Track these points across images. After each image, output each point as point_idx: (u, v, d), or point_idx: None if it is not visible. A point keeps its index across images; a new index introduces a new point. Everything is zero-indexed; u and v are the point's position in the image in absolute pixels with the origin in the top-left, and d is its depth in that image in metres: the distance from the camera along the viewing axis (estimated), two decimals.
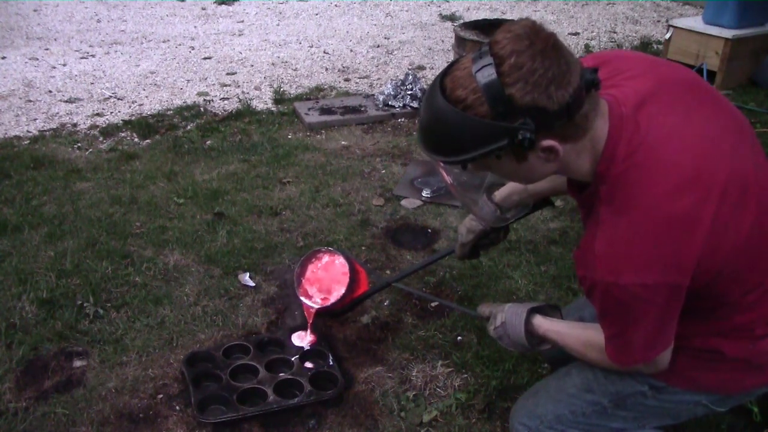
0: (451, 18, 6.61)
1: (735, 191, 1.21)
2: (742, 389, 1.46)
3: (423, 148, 1.26)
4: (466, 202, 1.87)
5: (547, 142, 1.16)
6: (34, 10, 6.71)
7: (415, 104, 4.31)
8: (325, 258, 2.28)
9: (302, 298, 2.25)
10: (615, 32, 6.21)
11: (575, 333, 1.51)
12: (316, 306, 2.23)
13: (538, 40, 1.11)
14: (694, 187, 1.18)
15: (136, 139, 3.99)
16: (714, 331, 1.36)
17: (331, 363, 2.20)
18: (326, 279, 2.24)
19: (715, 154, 1.22)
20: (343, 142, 3.94)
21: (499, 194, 1.79)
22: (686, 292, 1.23)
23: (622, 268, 1.20)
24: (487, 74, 1.11)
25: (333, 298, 2.21)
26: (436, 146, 1.23)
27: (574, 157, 1.22)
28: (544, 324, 1.55)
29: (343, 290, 2.17)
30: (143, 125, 4.12)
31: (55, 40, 5.85)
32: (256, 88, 4.84)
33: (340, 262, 2.23)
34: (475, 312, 1.80)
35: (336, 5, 7.12)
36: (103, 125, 4.17)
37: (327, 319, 2.34)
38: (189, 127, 4.14)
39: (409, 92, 4.33)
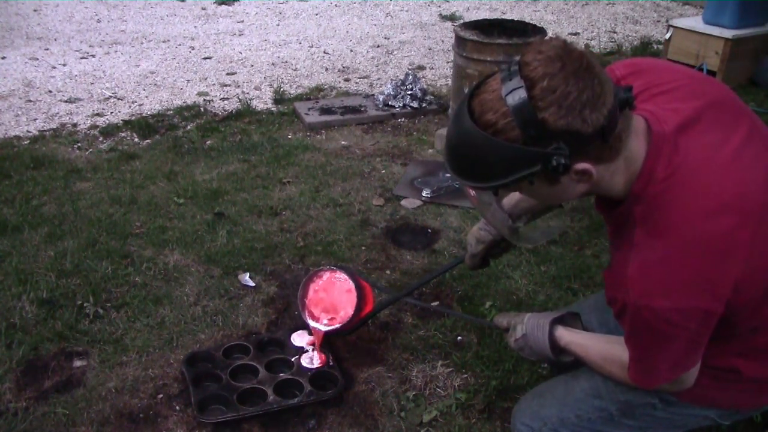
0: (451, 18, 6.61)
1: None
2: (755, 406, 1.45)
3: (452, 172, 1.22)
4: (482, 210, 1.84)
5: (581, 166, 1.12)
6: (34, 10, 6.71)
7: (414, 104, 4.31)
8: (327, 276, 2.21)
9: (310, 321, 2.18)
10: (615, 32, 6.21)
11: (598, 347, 1.48)
12: (325, 329, 2.17)
13: (570, 62, 1.07)
14: (733, 211, 1.15)
15: (136, 139, 3.99)
16: (734, 351, 1.33)
17: (331, 363, 2.19)
18: (332, 298, 2.17)
19: (752, 179, 1.19)
20: (343, 142, 3.94)
21: (508, 202, 1.75)
22: (719, 318, 1.20)
23: (656, 291, 1.17)
24: (517, 97, 1.07)
25: (340, 318, 2.15)
26: (466, 172, 1.18)
27: (608, 177, 1.19)
28: (566, 336, 1.52)
29: (351, 310, 2.11)
30: (143, 125, 4.12)
31: (55, 40, 5.85)
32: (256, 88, 4.84)
33: (342, 280, 2.17)
34: (491, 322, 1.78)
35: (336, 5, 7.12)
36: (103, 125, 4.17)
37: (335, 337, 2.28)
38: (189, 127, 4.14)
39: (409, 92, 4.33)
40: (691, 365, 1.29)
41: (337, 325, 2.14)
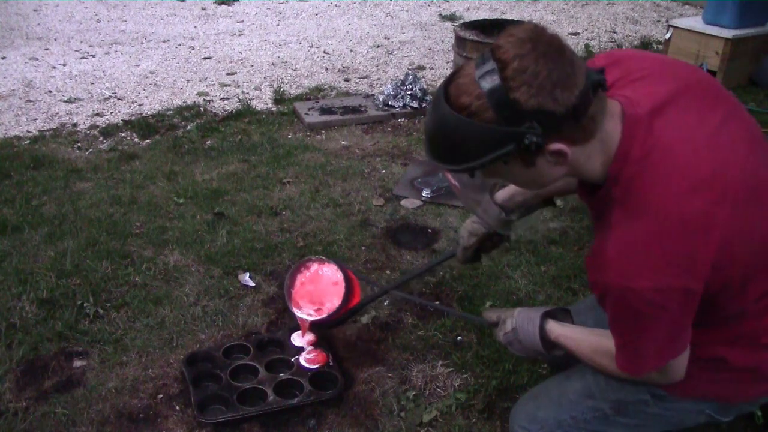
0: (451, 18, 6.61)
1: (749, 194, 1.19)
2: (746, 398, 1.44)
3: (430, 157, 1.24)
4: (470, 205, 1.85)
5: (555, 146, 1.14)
6: (34, 10, 6.71)
7: (414, 104, 4.31)
8: (315, 267, 2.22)
9: (295, 310, 2.19)
10: (615, 32, 6.21)
11: (589, 339, 1.48)
12: (310, 318, 2.17)
13: (541, 43, 1.10)
14: (708, 190, 1.16)
15: (136, 139, 3.99)
16: (719, 339, 1.34)
17: (331, 363, 2.20)
18: (318, 289, 2.18)
19: (728, 158, 1.21)
20: (343, 142, 3.94)
21: (501, 195, 1.76)
22: (700, 298, 1.21)
23: (635, 271, 1.18)
24: (490, 79, 1.10)
25: (327, 309, 2.15)
26: (443, 155, 1.21)
27: (584, 159, 1.20)
28: (556, 329, 1.53)
29: (337, 302, 2.12)
30: (143, 125, 4.12)
31: (55, 40, 5.85)
32: (256, 88, 4.84)
33: (331, 271, 2.17)
34: (479, 318, 1.78)
35: (336, 5, 7.12)
36: (103, 125, 4.17)
37: (323, 330, 2.28)
38: (189, 127, 4.14)
39: (409, 92, 4.33)
40: (678, 351, 1.30)
41: (324, 315, 2.14)
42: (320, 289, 2.16)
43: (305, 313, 2.19)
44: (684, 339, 1.28)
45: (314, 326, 2.22)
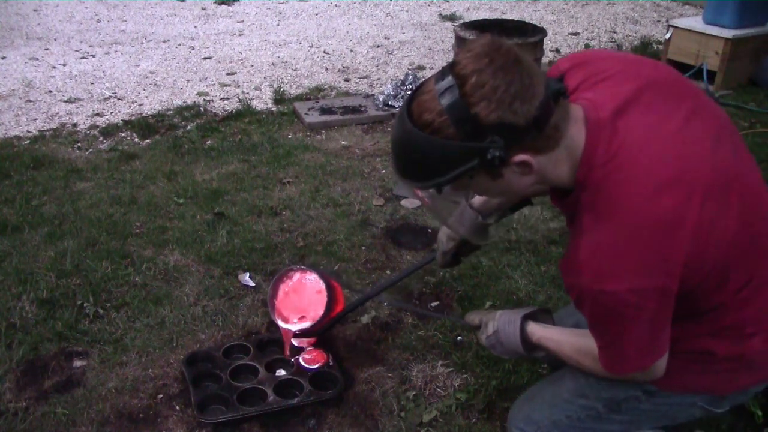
0: (451, 18, 6.61)
1: (718, 190, 1.20)
2: (736, 389, 1.45)
3: (397, 175, 1.26)
4: (442, 217, 1.83)
5: (520, 157, 1.15)
6: (34, 10, 6.71)
7: None
8: (297, 276, 2.20)
9: (279, 321, 2.16)
10: (615, 32, 6.22)
11: (570, 340, 1.50)
12: (295, 329, 2.14)
13: (498, 57, 1.11)
14: (676, 188, 1.17)
15: (136, 139, 3.99)
16: (704, 332, 1.35)
17: (331, 363, 2.19)
18: (302, 299, 2.15)
19: (695, 154, 1.21)
20: (343, 142, 3.94)
21: (478, 200, 1.76)
22: (677, 295, 1.22)
23: (607, 274, 1.19)
24: (450, 96, 1.11)
25: (311, 317, 2.13)
26: (409, 172, 1.22)
27: (551, 167, 1.21)
28: (537, 331, 1.54)
29: (321, 311, 2.09)
30: (143, 125, 4.12)
31: (55, 40, 5.85)
32: (256, 88, 4.84)
33: (314, 280, 2.15)
34: (462, 320, 1.79)
35: (336, 5, 7.12)
36: (103, 125, 4.17)
37: (306, 337, 2.25)
38: (189, 127, 4.14)
39: (409, 92, 4.32)
40: (660, 352, 1.30)
41: (307, 325, 2.12)
42: (303, 298, 2.14)
43: (289, 323, 2.15)
44: (664, 338, 1.29)
45: (299, 336, 2.18)
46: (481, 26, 3.56)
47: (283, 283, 2.19)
